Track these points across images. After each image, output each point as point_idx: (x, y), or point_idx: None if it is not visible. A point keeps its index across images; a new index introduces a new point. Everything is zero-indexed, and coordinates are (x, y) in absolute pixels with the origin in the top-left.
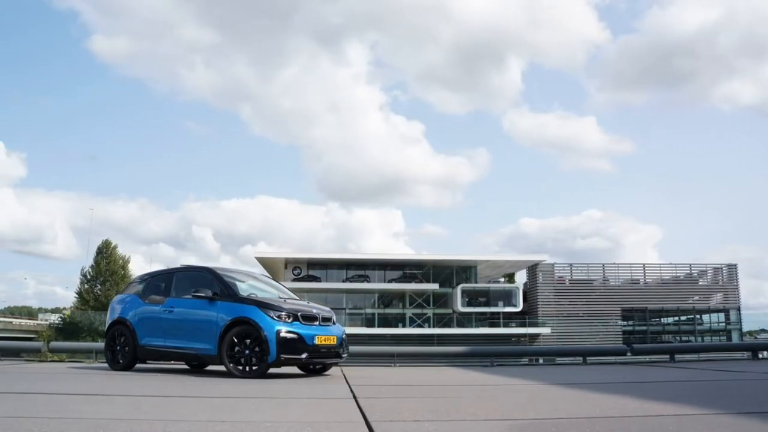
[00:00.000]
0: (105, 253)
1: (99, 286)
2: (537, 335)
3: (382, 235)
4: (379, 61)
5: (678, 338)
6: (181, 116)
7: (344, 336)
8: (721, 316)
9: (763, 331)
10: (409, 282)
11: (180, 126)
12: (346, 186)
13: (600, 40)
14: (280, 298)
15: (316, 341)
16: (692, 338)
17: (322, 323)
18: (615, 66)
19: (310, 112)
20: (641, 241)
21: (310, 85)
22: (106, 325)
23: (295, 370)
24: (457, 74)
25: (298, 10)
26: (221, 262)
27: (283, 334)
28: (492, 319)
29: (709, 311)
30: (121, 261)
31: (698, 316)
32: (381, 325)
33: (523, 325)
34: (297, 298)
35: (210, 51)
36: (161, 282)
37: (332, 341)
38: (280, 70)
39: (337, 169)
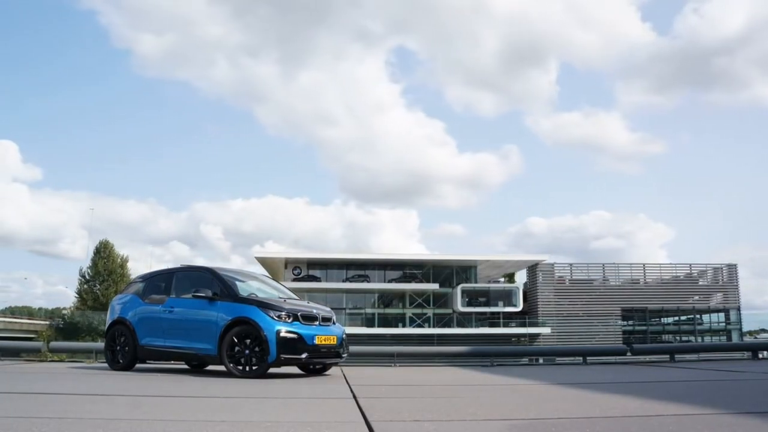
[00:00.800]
0: (103, 253)
1: (98, 286)
2: (537, 335)
3: (399, 235)
4: (407, 61)
5: (678, 338)
6: (197, 115)
7: (344, 336)
8: (721, 316)
9: (763, 330)
10: (409, 282)
11: (195, 125)
12: (368, 186)
13: (639, 41)
14: (280, 298)
15: (316, 341)
16: (692, 338)
17: (322, 323)
18: (650, 67)
19: (331, 111)
20: (661, 243)
21: (333, 84)
22: (106, 325)
23: (295, 370)
24: (489, 74)
25: (331, 11)
26: (232, 261)
27: (283, 334)
28: (492, 319)
29: (709, 311)
30: (119, 260)
31: (698, 316)
32: (381, 325)
33: (523, 325)
34: (297, 298)
35: (232, 50)
36: (161, 282)
37: (332, 341)
38: (303, 70)
39: (359, 170)
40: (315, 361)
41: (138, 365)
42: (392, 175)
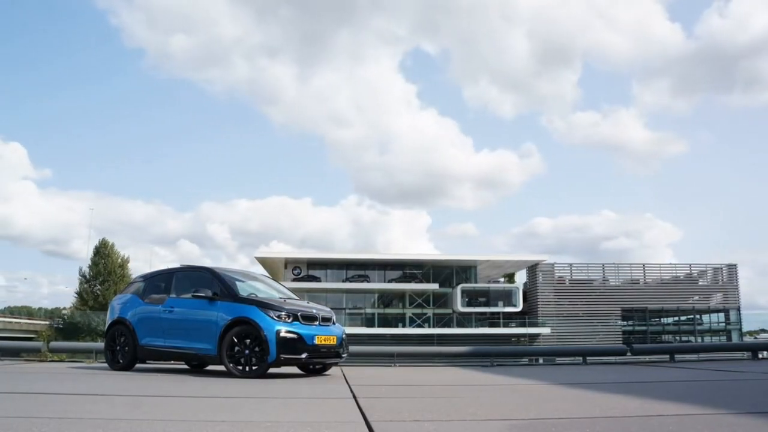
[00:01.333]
0: (103, 252)
1: (98, 286)
2: (537, 335)
3: (409, 236)
4: (424, 61)
5: (678, 338)
6: (206, 115)
7: (344, 336)
8: (721, 316)
9: (762, 331)
10: (409, 282)
11: (204, 125)
12: (383, 187)
13: (664, 41)
14: (280, 298)
15: (316, 341)
16: (692, 338)
17: (322, 323)
18: (673, 67)
19: (346, 111)
20: (669, 243)
21: (348, 85)
22: (106, 325)
23: (295, 370)
24: (510, 75)
25: (352, 11)
26: (238, 261)
27: (283, 334)
28: (492, 319)
29: (709, 311)
30: (119, 260)
31: (698, 316)
32: (381, 325)
33: (523, 325)
34: (297, 298)
35: (246, 49)
36: (161, 282)
37: (332, 341)
38: (319, 70)
39: (373, 170)
40: (315, 361)
41: (138, 365)
42: (408, 176)
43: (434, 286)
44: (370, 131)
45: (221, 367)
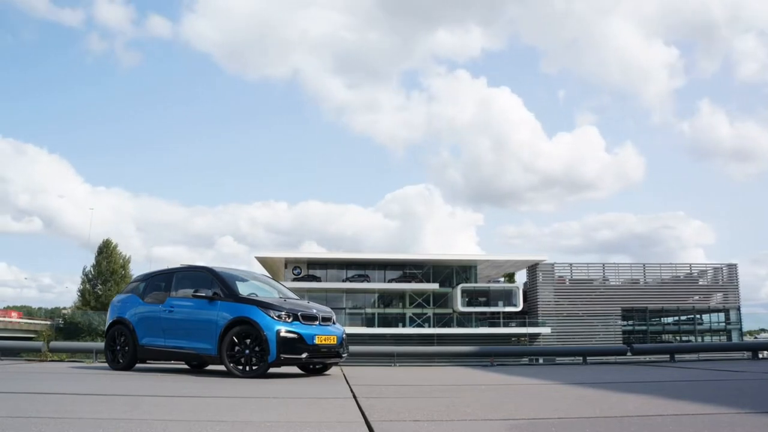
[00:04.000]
0: (106, 252)
1: (100, 286)
2: (537, 335)
3: (455, 236)
4: (519, 62)
5: (678, 338)
6: (257, 111)
7: (344, 336)
8: (721, 315)
9: (762, 330)
10: (409, 282)
11: (253, 122)
12: (461, 188)
13: None
14: (280, 297)
15: (316, 341)
16: (692, 338)
17: (322, 323)
18: None
19: (423, 115)
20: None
21: (427, 90)
22: (106, 325)
23: (295, 369)
24: (608, 77)
25: (443, 14)
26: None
27: (283, 334)
28: (492, 319)
29: (709, 311)
30: (121, 260)
31: (698, 316)
32: (381, 324)
33: (523, 324)
34: (297, 297)
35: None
36: (161, 282)
37: (332, 341)
38: (398, 69)
39: (453, 171)
40: (315, 361)
41: (138, 365)
42: (489, 176)
43: (434, 286)
44: (446, 129)
45: (221, 367)
